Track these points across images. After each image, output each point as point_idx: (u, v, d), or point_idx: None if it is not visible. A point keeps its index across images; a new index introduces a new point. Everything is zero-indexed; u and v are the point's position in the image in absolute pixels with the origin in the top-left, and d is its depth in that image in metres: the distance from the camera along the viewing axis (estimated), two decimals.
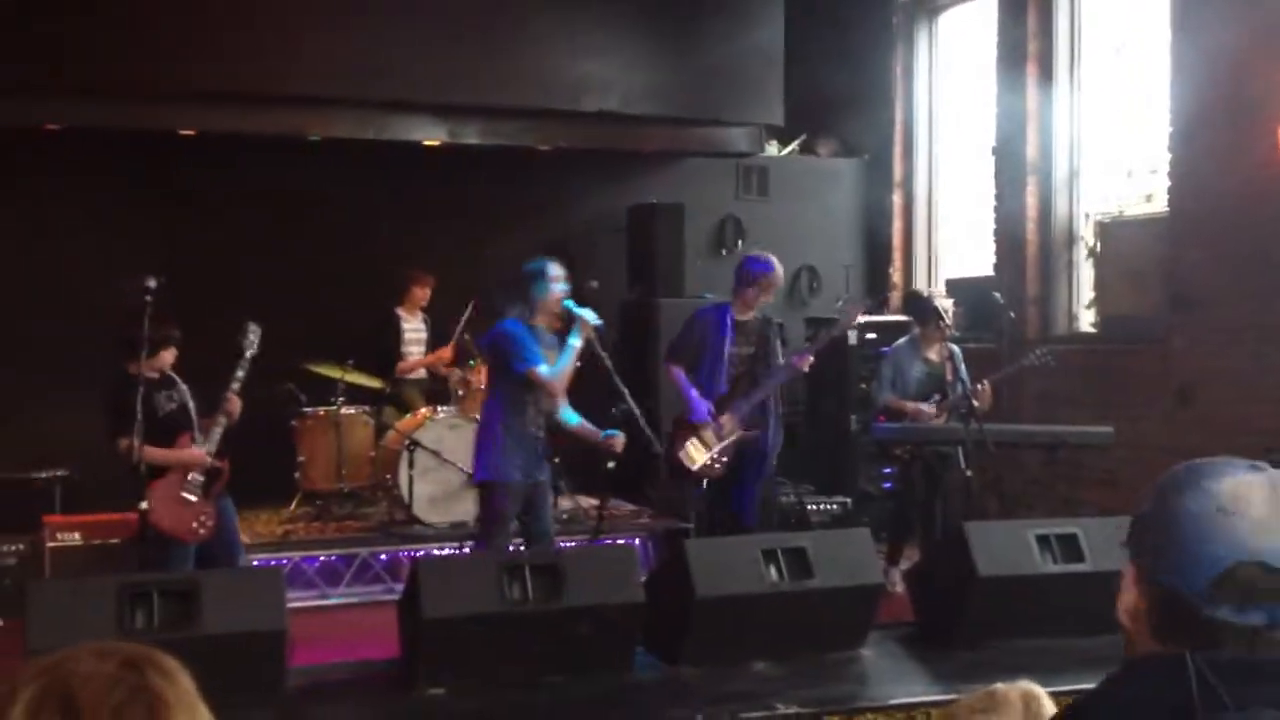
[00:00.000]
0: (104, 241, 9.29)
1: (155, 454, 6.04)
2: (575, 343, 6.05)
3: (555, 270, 6.18)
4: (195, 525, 6.14)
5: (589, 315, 6.08)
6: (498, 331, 6.23)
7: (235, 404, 6.29)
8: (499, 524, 6.17)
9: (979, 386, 7.61)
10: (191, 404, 6.33)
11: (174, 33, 8.57)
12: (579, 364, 6.23)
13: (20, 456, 8.50)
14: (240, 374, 6.30)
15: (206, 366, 6.46)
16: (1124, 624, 1.65)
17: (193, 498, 6.16)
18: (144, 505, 5.87)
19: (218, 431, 6.26)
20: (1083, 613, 4.91)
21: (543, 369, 6.04)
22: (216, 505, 6.27)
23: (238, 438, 6.72)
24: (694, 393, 7.15)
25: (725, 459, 7.13)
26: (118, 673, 1.27)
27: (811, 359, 7.27)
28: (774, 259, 7.37)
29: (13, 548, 7.49)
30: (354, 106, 9.29)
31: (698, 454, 7.13)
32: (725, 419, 7.13)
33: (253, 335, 6.42)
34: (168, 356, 6.24)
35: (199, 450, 6.21)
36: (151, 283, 5.97)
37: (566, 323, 6.24)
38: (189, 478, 6.16)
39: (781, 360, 7.33)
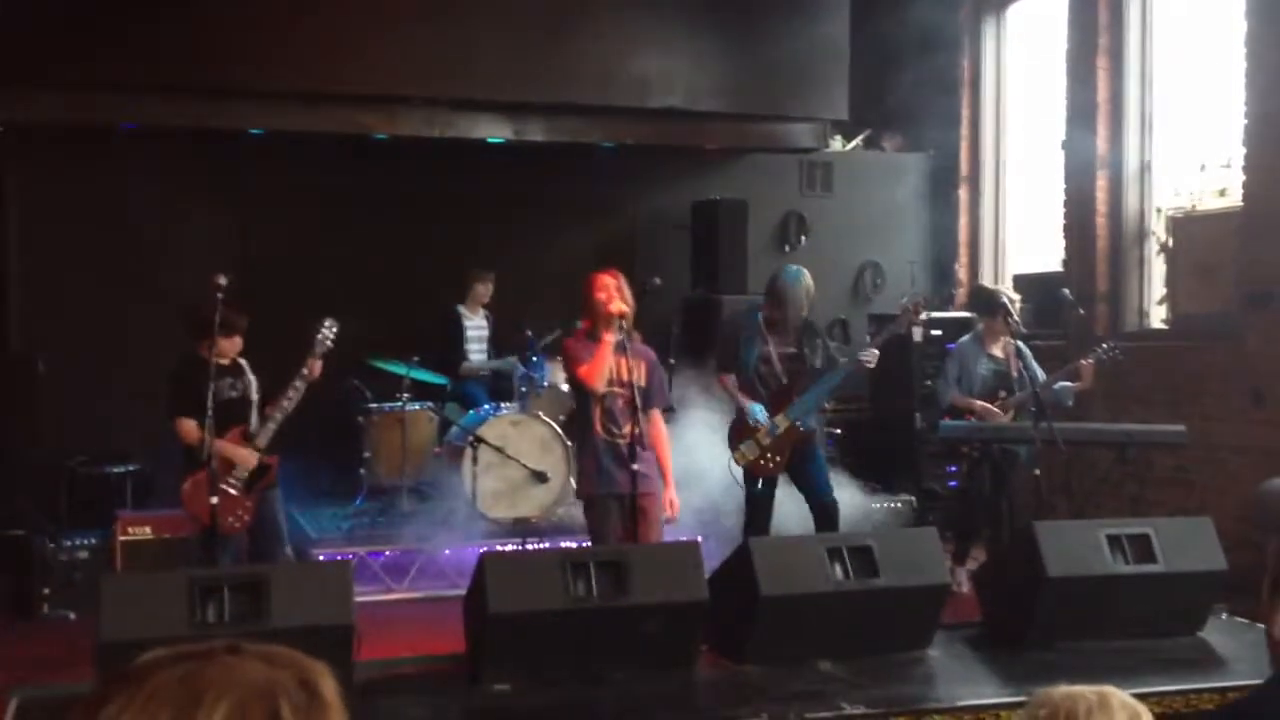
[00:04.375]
0: (177, 238, 9.46)
1: (198, 437, 6.10)
2: (608, 338, 6.08)
3: (604, 280, 6.16)
4: (231, 519, 6.18)
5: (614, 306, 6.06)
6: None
7: (315, 366, 6.27)
8: (595, 539, 6.15)
9: (1081, 363, 7.52)
10: (255, 398, 6.39)
11: (244, 33, 8.70)
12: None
13: (92, 452, 8.66)
14: (305, 371, 6.27)
15: (274, 361, 6.54)
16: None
17: (233, 490, 6.20)
18: (214, 500, 5.93)
19: (271, 427, 6.30)
20: (1155, 614, 4.86)
21: (583, 367, 6.11)
22: (260, 498, 6.33)
23: (304, 433, 6.77)
24: (743, 398, 7.19)
25: (779, 458, 7.14)
26: (294, 684, 1.27)
27: (875, 354, 7.21)
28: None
29: (85, 542, 7.61)
30: (420, 105, 9.37)
31: (750, 452, 7.16)
32: (779, 418, 7.14)
33: (326, 331, 6.36)
34: (228, 345, 6.29)
35: (246, 450, 6.26)
36: (222, 280, 6.06)
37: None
38: (233, 472, 6.22)
39: (843, 359, 7.35)
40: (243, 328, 6.35)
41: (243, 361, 6.43)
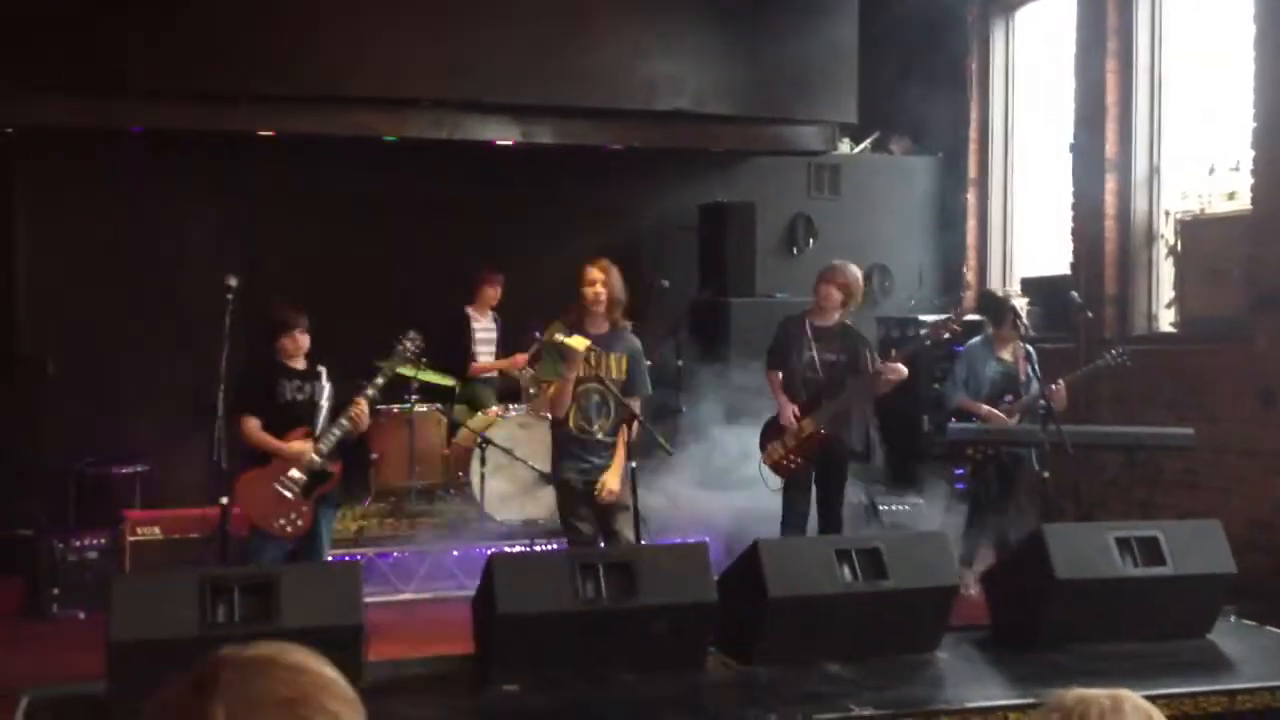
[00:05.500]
0: (185, 240, 9.48)
1: (257, 437, 6.02)
2: (566, 373, 6.02)
3: (591, 273, 6.13)
4: (283, 522, 5.99)
5: (574, 343, 5.96)
6: None
7: (361, 412, 6.07)
8: (563, 521, 6.24)
9: (1053, 386, 7.50)
10: (325, 403, 6.17)
11: (252, 37, 8.71)
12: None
13: (100, 452, 8.68)
14: (379, 380, 6.12)
15: None
16: None
17: (287, 494, 6.00)
18: (224, 500, 5.90)
19: (336, 434, 6.06)
20: (1164, 617, 4.85)
21: (549, 396, 6.17)
22: (316, 508, 6.13)
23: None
24: (783, 397, 7.23)
25: (800, 459, 7.12)
26: None
27: (901, 369, 7.10)
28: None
29: (94, 542, 7.63)
30: (429, 107, 9.38)
31: (775, 452, 7.18)
32: (805, 422, 7.13)
33: (409, 344, 6.22)
34: (290, 344, 6.15)
35: (302, 445, 6.04)
36: (232, 281, 6.04)
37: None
38: (288, 473, 6.01)
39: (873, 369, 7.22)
40: (300, 323, 6.19)
41: (321, 368, 6.27)
